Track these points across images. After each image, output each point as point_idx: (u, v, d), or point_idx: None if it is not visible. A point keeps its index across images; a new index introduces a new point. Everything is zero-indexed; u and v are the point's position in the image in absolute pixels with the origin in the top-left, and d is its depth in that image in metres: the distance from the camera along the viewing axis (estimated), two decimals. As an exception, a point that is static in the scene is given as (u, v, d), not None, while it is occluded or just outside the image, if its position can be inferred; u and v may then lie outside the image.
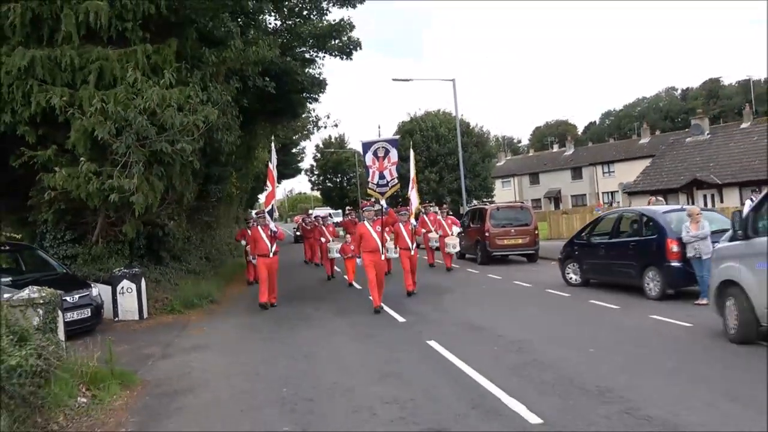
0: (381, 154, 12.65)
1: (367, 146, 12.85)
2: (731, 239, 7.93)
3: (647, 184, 32.55)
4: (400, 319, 10.61)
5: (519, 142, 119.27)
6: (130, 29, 11.84)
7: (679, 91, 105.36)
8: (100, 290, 11.26)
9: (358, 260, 12.48)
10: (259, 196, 50.06)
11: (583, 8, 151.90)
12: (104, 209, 12.04)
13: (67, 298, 9.65)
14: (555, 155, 69.80)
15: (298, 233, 30.84)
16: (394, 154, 12.74)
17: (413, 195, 15.70)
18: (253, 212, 41.16)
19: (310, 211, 54.85)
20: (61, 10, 11.41)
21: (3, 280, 9.57)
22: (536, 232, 20.20)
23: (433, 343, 8.32)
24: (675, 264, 10.90)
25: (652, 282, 11.36)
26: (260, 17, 15.41)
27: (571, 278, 13.95)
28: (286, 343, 9.21)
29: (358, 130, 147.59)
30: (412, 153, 18.12)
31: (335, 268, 18.20)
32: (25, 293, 7.25)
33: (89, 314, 10.46)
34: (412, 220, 14.86)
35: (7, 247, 12.20)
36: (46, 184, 11.45)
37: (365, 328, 10.02)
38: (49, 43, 11.63)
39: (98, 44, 11.67)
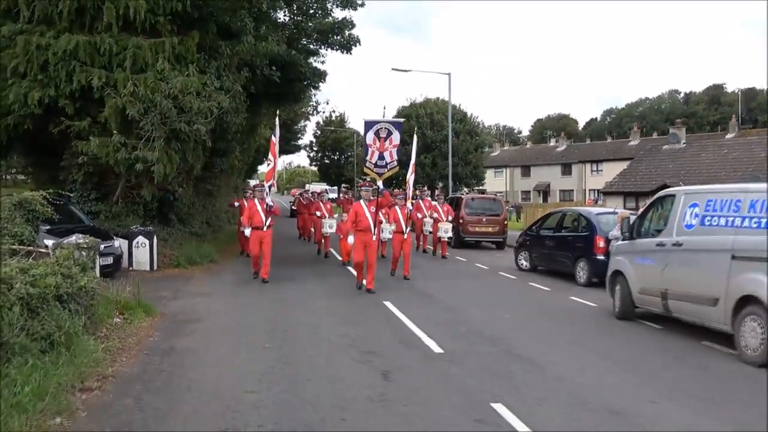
0: (383, 134, 12.73)
1: (369, 125, 12.85)
2: (623, 239, 10.15)
3: (621, 185, 34.72)
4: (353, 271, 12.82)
5: (519, 132, 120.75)
6: (161, 23, 13.91)
7: (682, 95, 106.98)
8: (120, 243, 13.45)
9: (349, 238, 12.13)
10: (259, 167, 52.00)
11: (594, 4, 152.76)
12: (127, 175, 14.20)
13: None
14: (547, 150, 71.87)
15: (293, 207, 30.40)
16: (396, 137, 12.84)
17: (411, 180, 15.87)
18: (251, 182, 43.01)
19: (307, 186, 56.87)
20: (102, 2, 13.46)
21: (42, 228, 11.72)
22: (505, 222, 22.40)
23: (387, 303, 10.53)
24: (600, 257, 13.06)
25: (582, 271, 13.60)
26: (272, 14, 17.42)
27: (522, 264, 16.19)
28: (272, 295, 11.40)
29: (359, 109, 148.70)
30: (415, 138, 17.85)
31: (330, 248, 18.38)
32: (73, 239, 9.42)
33: (111, 261, 12.62)
34: (408, 204, 14.91)
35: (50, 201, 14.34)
36: (79, 150, 13.59)
37: (338, 290, 12.24)
38: (90, 30, 13.70)
39: (133, 34, 13.73)
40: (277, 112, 15.61)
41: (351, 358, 7.04)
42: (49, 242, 9.87)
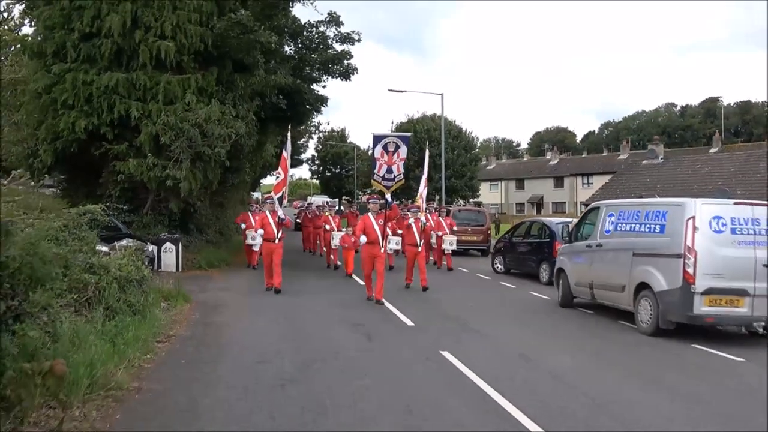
0: (391, 148, 12.97)
1: (378, 139, 13.14)
2: (564, 243, 12.57)
3: (602, 198, 37.05)
4: (360, 282, 15.20)
5: (518, 145, 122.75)
6: (186, 61, 16.42)
7: (678, 108, 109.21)
8: (152, 248, 15.88)
9: (362, 239, 12.24)
10: (262, 181, 54.63)
11: (592, 16, 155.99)
12: (157, 190, 16.67)
13: (138, 250, 14.25)
14: (541, 163, 74.43)
15: (298, 220, 29.59)
16: (403, 151, 13.09)
17: (424, 193, 16.39)
18: (254, 195, 45.21)
19: (309, 199, 59.26)
20: (138, 45, 15.98)
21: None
22: (488, 231, 24.85)
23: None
24: (558, 260, 15.48)
25: (544, 272, 15.99)
26: (280, 49, 19.92)
27: (497, 267, 18.60)
28: (284, 291, 13.75)
29: (359, 122, 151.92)
30: (427, 153, 18.27)
31: (338, 261, 18.67)
32: (124, 242, 11.92)
33: (147, 263, 15.03)
34: (422, 217, 15.20)
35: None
36: (118, 169, 16.06)
37: (338, 293, 14.58)
38: (128, 68, 16.22)
39: (163, 71, 16.23)
40: (289, 127, 16.47)
41: (344, 328, 9.47)
42: (99, 247, 12.29)
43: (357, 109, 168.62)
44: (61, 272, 6.45)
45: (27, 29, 27.12)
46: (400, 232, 14.99)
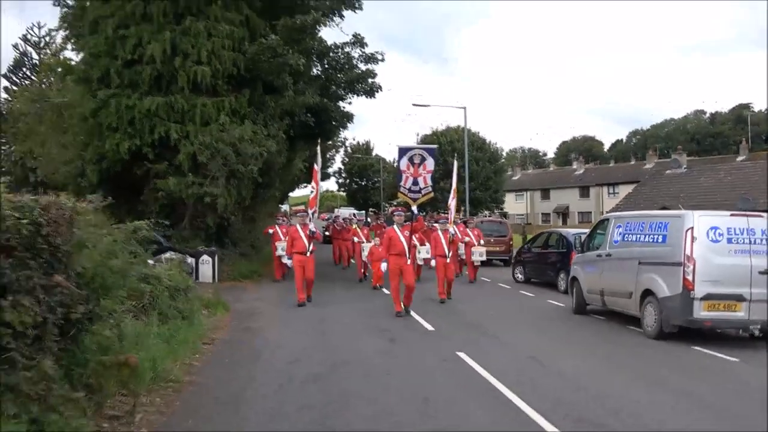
0: (417, 161, 13.02)
1: (403, 151, 13.23)
2: (578, 253, 13.28)
3: (626, 208, 37.43)
4: (386, 291, 16.05)
5: (545, 155, 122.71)
6: (220, 85, 17.55)
7: (708, 115, 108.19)
8: (191, 260, 16.93)
9: (383, 264, 12.57)
10: (290, 193, 56.03)
11: (619, 18, 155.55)
12: (194, 206, 17.76)
13: (178, 262, 15.30)
14: (566, 173, 74.61)
15: (327, 233, 28.69)
16: (430, 163, 13.09)
17: (453, 204, 16.49)
18: (283, 207, 46.24)
19: (336, 211, 60.34)
20: (176, 71, 17.13)
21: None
22: (510, 242, 25.52)
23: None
24: (575, 269, 16.15)
25: (561, 280, 16.65)
26: (308, 70, 20.98)
27: (518, 277, 19.31)
28: (313, 302, 14.59)
29: (384, 133, 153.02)
30: (455, 164, 18.37)
31: (366, 273, 18.86)
32: (168, 255, 12.94)
33: (187, 275, 16.09)
34: (451, 229, 15.38)
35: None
36: (159, 187, 17.18)
37: (364, 302, 15.41)
38: (166, 92, 17.37)
39: (199, 95, 17.36)
40: (318, 141, 16.84)
41: (369, 334, 10.31)
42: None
43: (381, 121, 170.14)
44: (122, 282, 7.43)
45: (69, 53, 28.82)
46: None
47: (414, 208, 13.09)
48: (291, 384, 7.10)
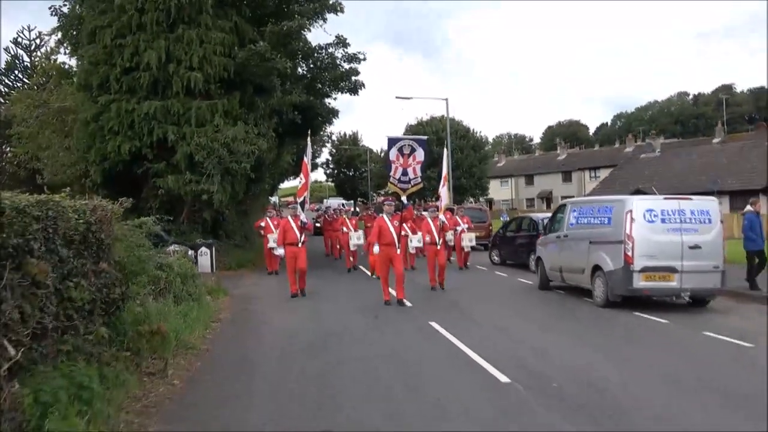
0: (407, 151, 13.14)
1: (393, 141, 13.33)
2: (542, 234, 14.79)
3: (601, 192, 39.20)
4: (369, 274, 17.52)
5: (531, 140, 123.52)
6: (213, 89, 18.86)
7: (691, 96, 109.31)
8: (191, 252, 18.29)
9: (375, 248, 12.50)
10: (280, 185, 57.24)
11: (603, 9, 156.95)
12: (192, 202, 19.11)
13: (180, 254, 16.66)
14: (550, 158, 76.31)
15: (317, 224, 28.75)
16: (420, 154, 13.17)
17: (443, 192, 16.60)
18: (272, 199, 47.35)
19: (325, 201, 61.66)
20: (171, 77, 18.41)
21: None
22: (490, 227, 27.00)
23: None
24: (544, 250, 17.65)
25: (532, 261, 18.12)
26: (295, 71, 22.30)
27: (494, 259, 20.83)
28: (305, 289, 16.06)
29: (370, 122, 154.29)
30: (446, 152, 18.62)
31: (357, 263, 19.69)
32: (173, 247, 14.32)
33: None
34: (441, 216, 15.43)
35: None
36: (158, 185, 18.51)
37: (353, 286, 16.92)
38: (163, 96, 18.66)
39: (194, 98, 18.65)
40: (308, 133, 16.74)
41: (355, 312, 11.77)
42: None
43: (367, 112, 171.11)
44: (144, 269, 8.86)
45: (62, 57, 29.92)
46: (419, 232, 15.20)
47: (404, 198, 13.31)
48: (291, 350, 8.53)
